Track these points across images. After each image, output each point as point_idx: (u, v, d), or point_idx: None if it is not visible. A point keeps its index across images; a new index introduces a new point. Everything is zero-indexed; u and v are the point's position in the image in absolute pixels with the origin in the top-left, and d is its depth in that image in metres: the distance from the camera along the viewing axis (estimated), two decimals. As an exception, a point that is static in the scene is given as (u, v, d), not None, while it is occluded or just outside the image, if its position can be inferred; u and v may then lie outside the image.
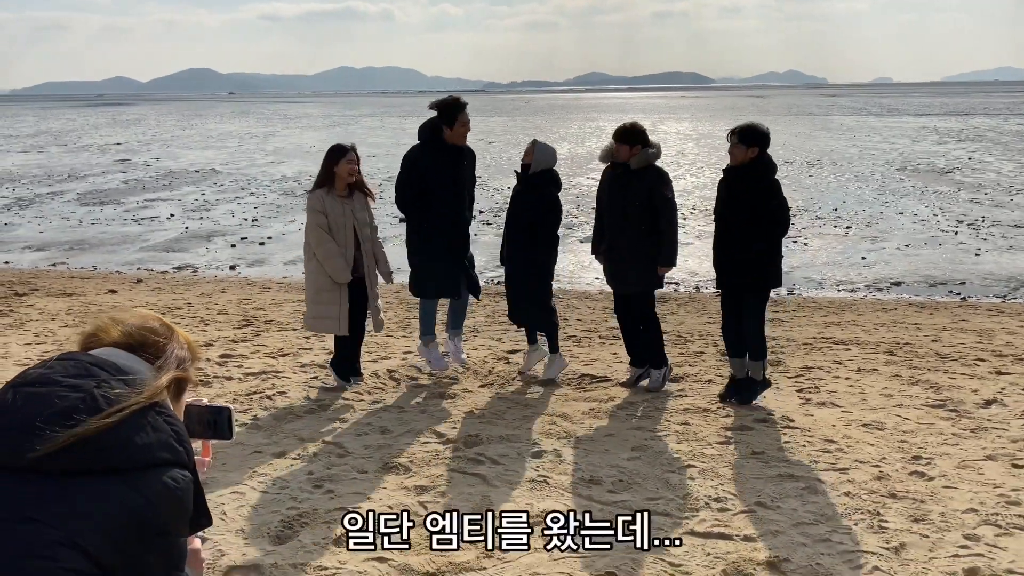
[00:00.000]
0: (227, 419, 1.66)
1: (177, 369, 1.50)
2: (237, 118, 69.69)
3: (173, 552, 1.35)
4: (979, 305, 9.49)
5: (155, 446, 1.34)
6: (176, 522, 1.36)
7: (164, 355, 1.50)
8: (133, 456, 1.32)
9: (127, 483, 1.30)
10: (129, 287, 10.05)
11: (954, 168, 23.93)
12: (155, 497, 1.31)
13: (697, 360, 6.55)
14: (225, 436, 1.67)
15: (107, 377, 1.36)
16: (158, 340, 1.51)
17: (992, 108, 69.10)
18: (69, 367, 1.38)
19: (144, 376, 1.42)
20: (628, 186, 5.51)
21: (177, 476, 1.36)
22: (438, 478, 4.07)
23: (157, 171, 25.93)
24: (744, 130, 5.13)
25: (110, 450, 1.30)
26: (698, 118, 60.36)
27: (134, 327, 1.51)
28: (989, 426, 4.89)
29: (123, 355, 1.45)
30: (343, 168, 5.40)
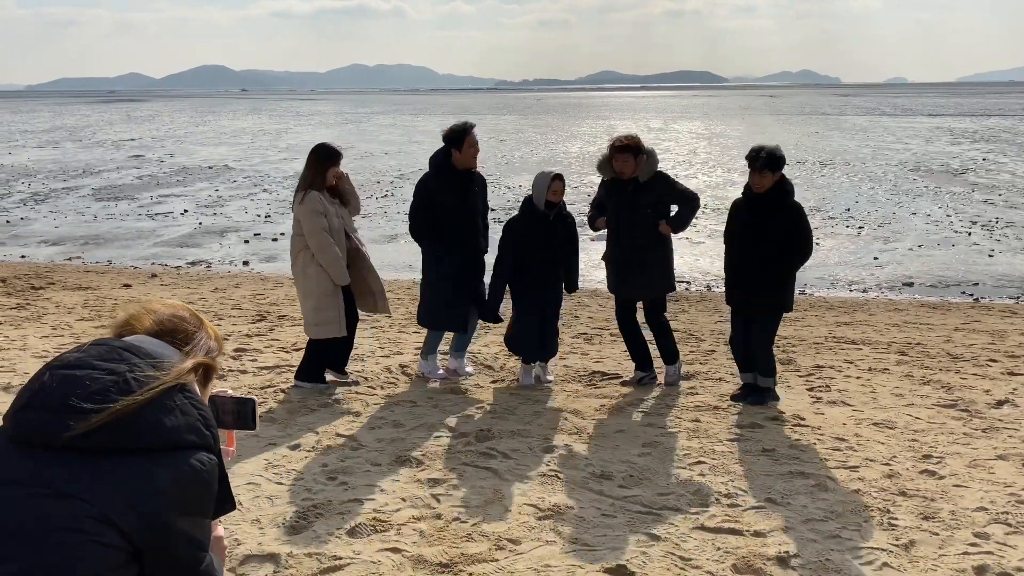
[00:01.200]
0: (251, 410, 1.71)
1: (204, 356, 1.56)
2: (250, 115, 69.97)
3: (199, 532, 1.41)
4: (992, 306, 9.46)
5: (183, 429, 1.40)
6: (202, 502, 1.41)
7: (192, 342, 1.57)
8: (162, 438, 1.38)
9: (156, 463, 1.36)
10: (144, 282, 10.14)
11: (968, 169, 23.80)
12: (182, 477, 1.37)
13: (708, 358, 6.56)
14: (249, 426, 1.72)
15: (138, 362, 1.43)
16: (187, 328, 1.58)
17: (1007, 109, 68.59)
18: (103, 352, 1.44)
19: (172, 360, 1.48)
20: (639, 197, 5.51)
21: (204, 458, 1.42)
22: (450, 472, 4.11)
23: (171, 167, 26.10)
24: (768, 157, 5.05)
25: (141, 431, 1.36)
26: (711, 117, 60.19)
27: (165, 316, 1.58)
28: (1000, 426, 4.89)
29: (154, 342, 1.52)
30: (334, 174, 5.35)
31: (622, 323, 5.81)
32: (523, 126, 50.45)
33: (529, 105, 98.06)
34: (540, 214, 5.58)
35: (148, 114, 72.49)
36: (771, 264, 5.14)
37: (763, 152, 5.08)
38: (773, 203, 5.15)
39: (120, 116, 67.91)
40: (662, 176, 5.61)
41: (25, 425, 1.38)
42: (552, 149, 32.62)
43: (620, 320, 5.82)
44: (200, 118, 63.96)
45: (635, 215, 5.51)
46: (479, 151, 5.67)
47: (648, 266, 5.58)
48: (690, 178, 22.45)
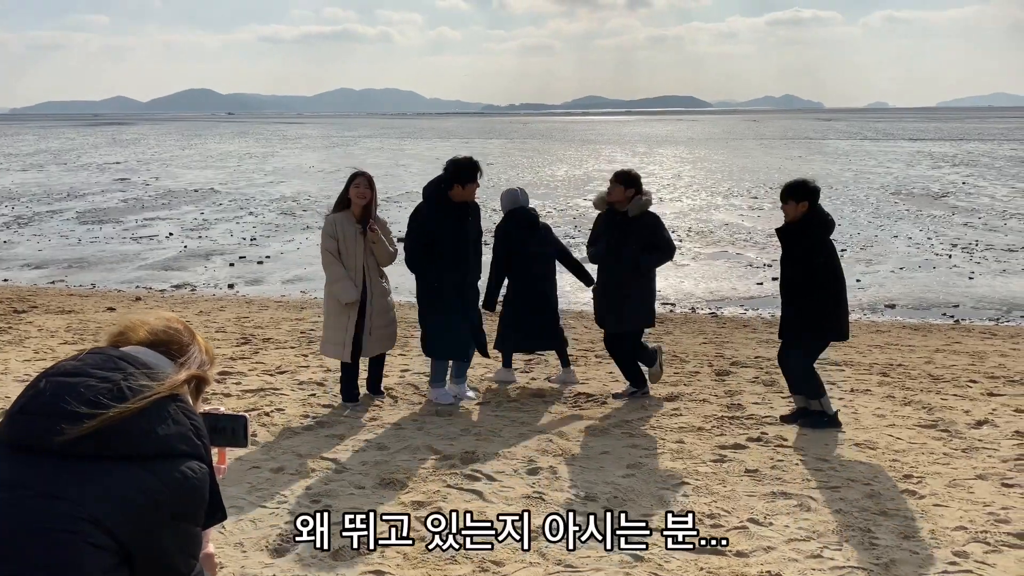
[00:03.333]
0: (243, 427, 1.74)
1: (197, 369, 1.59)
2: (236, 138, 70.02)
3: (189, 539, 1.44)
4: (972, 328, 9.57)
5: (175, 437, 1.44)
6: (192, 510, 1.44)
7: (187, 354, 1.61)
8: (154, 445, 1.41)
9: (147, 469, 1.39)
10: (128, 305, 10.09)
11: (948, 192, 24.13)
12: (173, 484, 1.40)
13: (692, 379, 6.60)
14: (241, 444, 1.74)
15: (133, 371, 1.47)
16: (181, 340, 1.63)
17: (987, 133, 69.68)
18: (99, 360, 1.48)
19: (166, 371, 1.51)
20: (626, 231, 5.71)
21: (195, 467, 1.45)
22: (435, 494, 4.11)
23: (156, 190, 26.05)
24: (793, 186, 5.14)
25: (132, 438, 1.40)
26: (695, 141, 60.79)
27: (159, 328, 1.62)
28: (980, 446, 4.94)
29: (148, 352, 1.55)
30: (352, 193, 5.52)
31: (610, 351, 6.04)
32: (510, 150, 50.75)
33: (516, 129, 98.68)
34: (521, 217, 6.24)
35: (134, 137, 72.41)
36: (796, 293, 5.21)
37: (789, 183, 5.22)
38: (802, 235, 5.17)
39: (105, 139, 67.77)
40: (653, 217, 5.79)
41: (19, 429, 1.41)
42: (538, 172, 32.83)
43: (608, 348, 6.05)
44: (186, 141, 63.93)
45: (620, 250, 5.70)
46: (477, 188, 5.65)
47: (628, 300, 5.76)
48: (674, 201, 22.64)
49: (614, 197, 5.74)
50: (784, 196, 5.18)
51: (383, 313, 5.66)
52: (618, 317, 5.82)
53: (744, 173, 31.43)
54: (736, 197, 23.40)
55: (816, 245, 5.15)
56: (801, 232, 5.16)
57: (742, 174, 30.99)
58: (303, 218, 19.71)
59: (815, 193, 5.19)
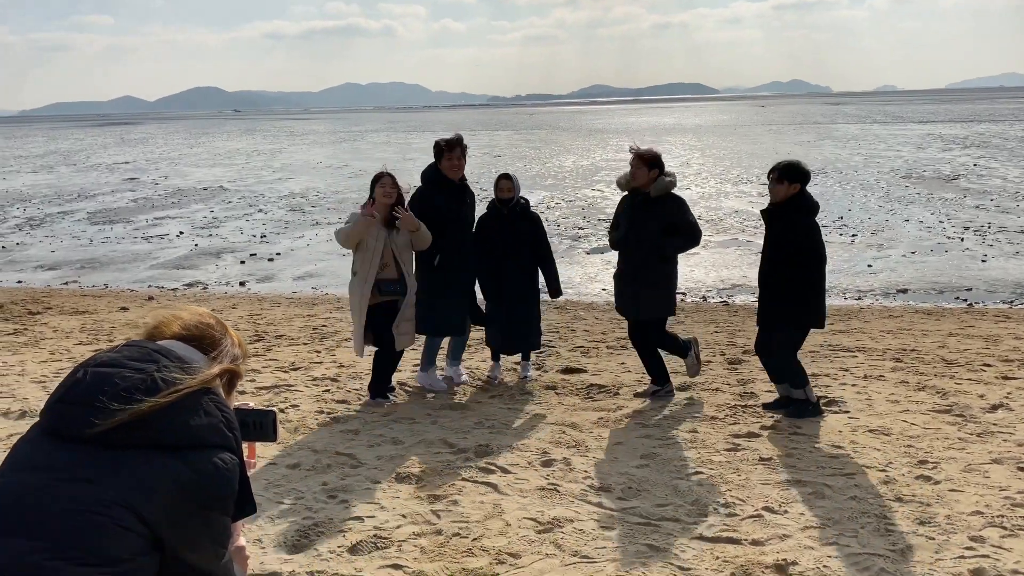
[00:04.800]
0: (272, 421, 1.77)
1: (230, 363, 1.63)
2: (244, 135, 70.19)
3: (218, 528, 1.48)
4: (986, 311, 9.51)
5: (206, 429, 1.48)
6: (222, 500, 1.48)
7: (219, 348, 1.65)
8: (187, 436, 1.46)
9: (179, 459, 1.44)
10: (140, 304, 10.16)
11: (960, 175, 23.94)
12: (204, 474, 1.45)
13: (704, 369, 6.59)
14: (270, 438, 1.77)
15: (167, 363, 1.52)
16: (214, 334, 1.67)
17: (997, 114, 69.07)
18: (135, 352, 1.54)
19: (199, 365, 1.55)
20: (647, 213, 5.52)
21: (226, 458, 1.49)
22: (450, 487, 4.13)
23: (166, 189, 26.16)
24: (784, 168, 5.12)
25: (166, 428, 1.45)
26: (702, 128, 60.53)
27: (192, 322, 1.67)
28: (995, 430, 4.92)
29: (182, 346, 1.61)
30: (378, 193, 5.62)
31: (633, 340, 5.83)
32: (517, 141, 50.67)
33: (522, 120, 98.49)
34: (494, 209, 6.05)
35: (142, 137, 72.67)
36: (784, 275, 5.08)
37: (782, 163, 5.20)
38: (788, 216, 5.12)
39: (114, 139, 68.07)
40: (676, 199, 5.60)
41: (58, 417, 1.47)
42: (546, 163, 32.76)
43: (631, 337, 5.84)
44: (194, 140, 64.13)
45: (642, 231, 5.52)
46: (461, 163, 5.90)
47: (648, 286, 5.56)
48: (683, 189, 22.49)
49: (639, 180, 5.55)
50: (778, 176, 5.10)
51: (411, 306, 5.76)
52: (636, 305, 5.63)
53: (753, 159, 31.28)
54: (745, 184, 23.30)
55: (805, 227, 5.08)
56: (789, 214, 5.11)
57: (751, 160, 30.84)
58: (312, 214, 19.76)
59: (807, 177, 5.16)
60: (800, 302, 5.10)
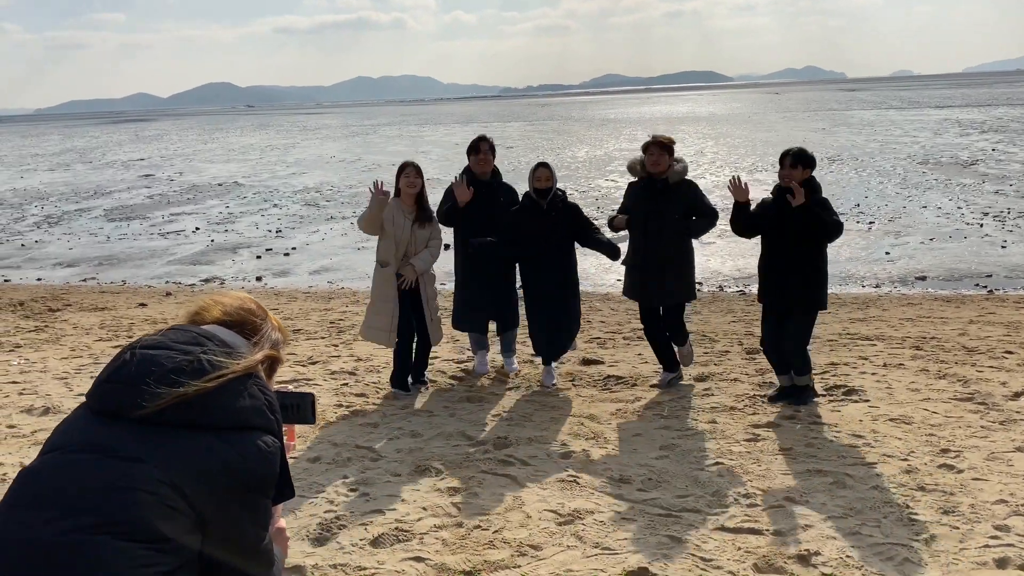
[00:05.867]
0: (311, 404, 1.78)
1: (271, 349, 1.65)
2: (257, 131, 70.43)
3: (260, 510, 1.51)
4: (1007, 298, 9.42)
5: (250, 411, 1.50)
6: (264, 481, 1.51)
7: (260, 333, 1.68)
8: (231, 417, 1.48)
9: (223, 440, 1.46)
10: (159, 300, 10.24)
11: (978, 160, 23.67)
12: (247, 455, 1.47)
13: (723, 359, 6.57)
14: (309, 420, 1.79)
15: (212, 347, 1.54)
16: (255, 320, 1.69)
17: (1016, 98, 68.19)
18: (180, 335, 1.56)
19: (242, 350, 1.57)
20: (665, 199, 5.53)
21: (268, 440, 1.52)
22: (470, 480, 4.15)
23: (181, 185, 26.31)
24: (798, 154, 5.17)
25: (211, 410, 1.47)
26: (716, 116, 60.16)
27: (233, 307, 1.69)
28: (1018, 418, 4.88)
29: (225, 331, 1.63)
30: (402, 184, 5.70)
31: (647, 328, 5.83)
32: (529, 133, 50.56)
33: (534, 112, 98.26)
34: (530, 201, 5.76)
35: (156, 133, 73.09)
36: (805, 255, 5.13)
37: (794, 148, 5.27)
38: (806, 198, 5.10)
39: (129, 136, 68.50)
40: (691, 184, 5.64)
41: (105, 397, 1.49)
42: (559, 154, 32.68)
43: (645, 325, 5.83)
44: (208, 136, 64.43)
45: (663, 219, 5.51)
46: (488, 158, 6.07)
47: (671, 272, 5.56)
48: (697, 178, 22.34)
49: (661, 167, 5.53)
50: (792, 161, 5.14)
51: (436, 298, 5.88)
52: (663, 292, 5.63)
53: (767, 147, 31.05)
54: (760, 172, 23.13)
55: (823, 203, 5.15)
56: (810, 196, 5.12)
57: (765, 148, 30.61)
58: (327, 208, 19.81)
59: (815, 162, 5.28)
60: (824, 284, 5.21)
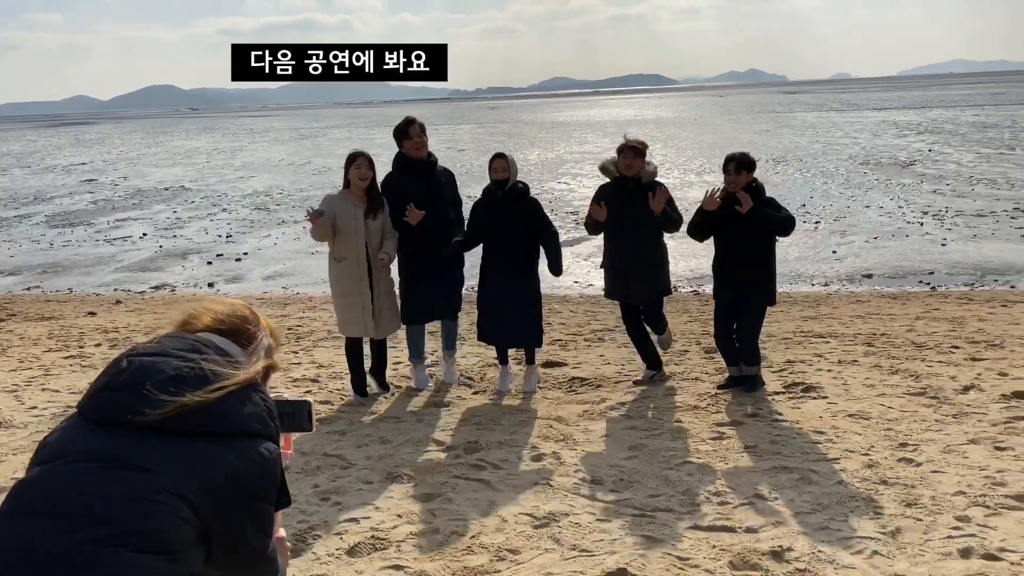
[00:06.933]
0: (307, 412, 1.76)
1: (266, 357, 1.63)
2: (203, 134, 69.06)
3: (263, 517, 1.49)
4: (949, 294, 9.75)
5: (252, 418, 1.49)
6: (267, 489, 1.49)
7: (255, 342, 1.64)
8: (233, 425, 1.46)
9: (227, 447, 1.44)
10: (108, 308, 9.97)
11: (915, 160, 24.45)
12: (251, 463, 1.45)
13: (683, 359, 6.67)
14: (305, 428, 1.77)
15: (210, 354, 1.52)
16: (249, 328, 1.66)
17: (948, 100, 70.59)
18: (178, 343, 1.53)
19: (241, 359, 1.55)
20: (638, 200, 5.69)
21: (270, 447, 1.50)
22: (443, 485, 4.13)
23: (125, 190, 25.66)
24: (741, 159, 5.50)
25: (215, 417, 1.45)
26: (664, 119, 60.97)
27: (225, 314, 1.65)
28: (969, 411, 5.06)
29: (220, 339, 1.59)
30: (353, 175, 5.54)
31: (629, 327, 6.03)
32: (480, 135, 50.54)
33: (484, 114, 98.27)
34: (489, 192, 5.71)
35: (97, 137, 71.12)
36: (759, 253, 5.47)
37: (737, 154, 5.59)
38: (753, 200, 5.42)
39: (69, 140, 66.50)
40: (659, 183, 5.84)
41: (103, 405, 1.45)
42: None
43: (627, 324, 6.04)
44: (152, 139, 62.93)
45: (637, 219, 5.70)
46: (423, 140, 5.78)
47: (648, 269, 5.80)
48: (649, 180, 22.70)
49: (636, 169, 5.73)
50: (737, 166, 5.48)
51: (390, 293, 5.72)
52: (641, 287, 5.82)
53: (715, 149, 31.59)
54: (709, 174, 23.52)
55: (771, 201, 5.52)
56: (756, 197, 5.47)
57: (712, 150, 31.14)
58: (278, 212, 19.54)
59: (755, 166, 5.65)
60: (774, 281, 5.60)
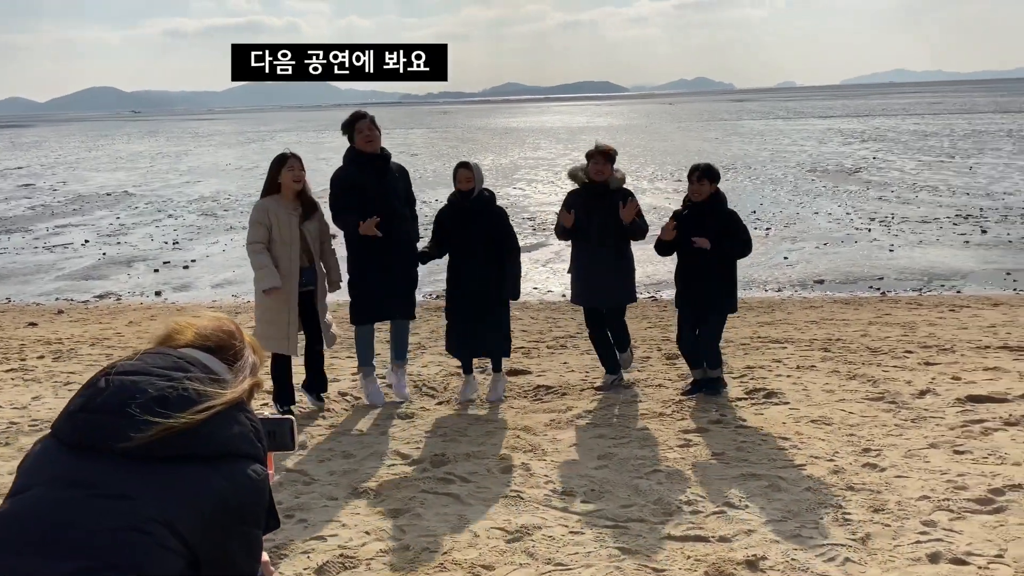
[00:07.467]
0: (289, 430, 1.67)
1: (252, 375, 1.54)
2: (146, 137, 67.46)
3: (252, 542, 1.42)
4: (899, 299, 9.98)
5: (239, 438, 1.41)
6: (256, 512, 1.42)
7: (242, 359, 1.55)
8: (221, 446, 1.38)
9: (215, 470, 1.36)
10: (51, 319, 9.61)
11: (861, 168, 25.08)
12: (240, 485, 1.37)
13: (645, 365, 6.68)
14: (288, 447, 1.68)
15: (195, 373, 1.43)
16: (235, 344, 1.57)
17: (890, 109, 72.75)
18: (160, 360, 1.44)
19: (226, 378, 1.46)
20: (608, 205, 5.77)
21: (258, 468, 1.43)
22: (411, 500, 4.04)
23: (65, 195, 24.86)
24: (706, 169, 5.61)
25: (200, 439, 1.36)
26: (615, 127, 61.54)
27: (210, 330, 1.56)
28: (927, 415, 5.15)
29: (205, 355, 1.50)
30: (286, 178, 5.27)
31: (592, 330, 6.06)
32: (433, 140, 50.37)
33: (436, 119, 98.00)
34: (455, 200, 5.62)
35: (34, 140, 68.95)
36: (721, 262, 5.57)
37: (702, 164, 5.68)
38: (715, 210, 5.61)
39: (3, 143, 64.29)
40: (627, 190, 5.90)
41: (82, 429, 1.35)
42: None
43: (590, 327, 6.07)
44: (92, 143, 61.23)
45: (605, 225, 5.76)
46: (375, 133, 5.55)
47: (614, 275, 5.84)
48: (602, 187, 22.83)
49: (605, 175, 5.80)
50: (700, 176, 5.58)
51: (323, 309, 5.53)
52: (605, 292, 5.86)
53: (666, 156, 31.99)
54: (660, 180, 23.78)
55: (732, 214, 5.66)
56: (719, 207, 5.62)
57: (664, 157, 31.52)
58: (225, 218, 19.13)
59: (720, 177, 5.75)
60: (735, 288, 5.73)
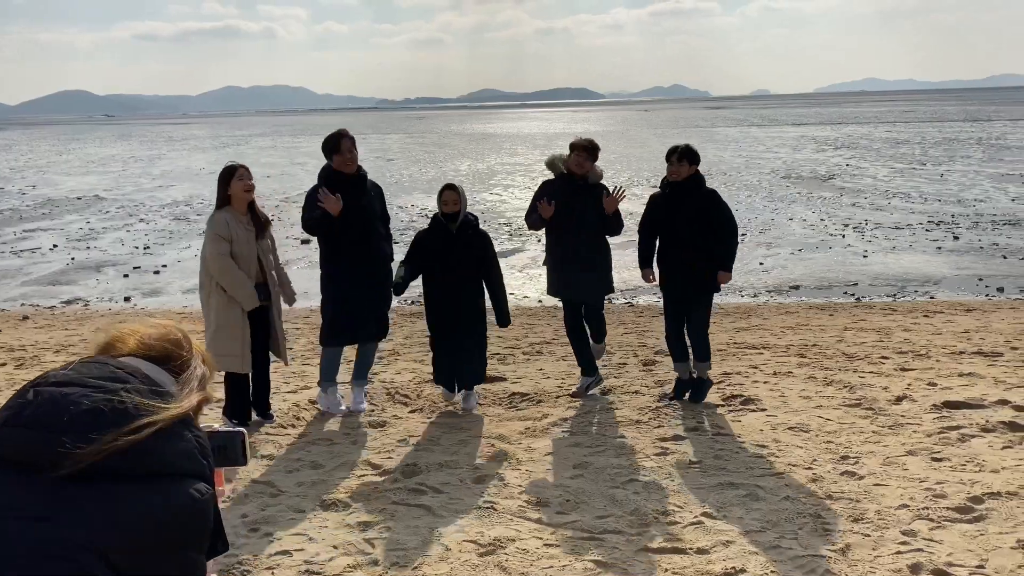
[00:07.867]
0: (240, 444, 1.54)
1: (200, 389, 1.41)
2: (118, 141, 66.59)
3: (192, 568, 1.27)
4: (873, 305, 10.01)
5: (180, 455, 1.27)
6: (197, 535, 1.28)
7: (188, 370, 1.42)
8: (158, 464, 1.24)
9: (152, 490, 1.22)
10: (15, 325, 9.36)
11: (835, 175, 25.29)
12: (178, 507, 1.24)
13: (621, 371, 6.61)
14: (239, 462, 1.55)
15: (135, 384, 1.28)
16: (182, 354, 1.44)
17: (862, 116, 73.63)
18: (93, 369, 1.29)
19: (171, 390, 1.33)
20: (586, 199, 5.75)
21: (202, 488, 1.29)
22: (381, 512, 3.92)
23: (34, 199, 24.40)
24: (685, 151, 5.58)
25: (135, 456, 1.22)
26: (591, 133, 61.72)
27: (154, 338, 1.42)
28: (904, 422, 5.12)
29: (148, 366, 1.37)
30: (237, 188, 5.12)
31: (571, 327, 5.97)
32: (409, 145, 50.18)
33: (413, 124, 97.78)
34: (438, 223, 5.52)
35: (3, 143, 67.81)
36: (705, 244, 5.56)
37: (681, 145, 5.65)
38: (694, 191, 5.60)
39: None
40: (604, 185, 5.91)
41: (5, 444, 1.21)
42: (441, 167, 32.54)
43: (569, 324, 5.98)
44: (63, 146, 60.33)
45: (582, 217, 5.72)
46: (354, 154, 5.49)
47: (591, 268, 5.80)
48: (579, 192, 22.80)
49: (586, 169, 5.79)
50: (679, 157, 5.57)
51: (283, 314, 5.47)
52: (582, 284, 5.82)
53: (642, 163, 32.07)
54: (637, 186, 23.79)
55: (713, 194, 5.65)
56: (698, 188, 5.62)
57: (640, 164, 31.60)
58: (198, 223, 18.83)
59: (700, 160, 5.71)
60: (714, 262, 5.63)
